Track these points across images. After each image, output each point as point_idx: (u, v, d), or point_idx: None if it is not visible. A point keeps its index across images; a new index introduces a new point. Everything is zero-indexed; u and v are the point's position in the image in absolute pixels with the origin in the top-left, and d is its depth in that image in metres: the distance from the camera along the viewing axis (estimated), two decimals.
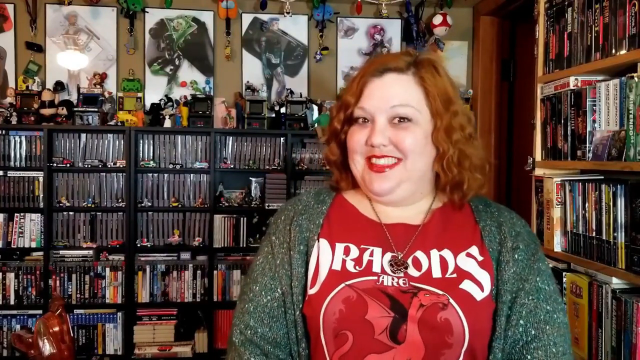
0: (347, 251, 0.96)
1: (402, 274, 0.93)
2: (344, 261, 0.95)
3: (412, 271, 0.93)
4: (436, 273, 0.93)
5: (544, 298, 0.93)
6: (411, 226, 0.99)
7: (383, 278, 0.92)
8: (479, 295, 0.91)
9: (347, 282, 0.92)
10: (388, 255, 0.95)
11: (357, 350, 0.88)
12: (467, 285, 0.91)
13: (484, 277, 0.93)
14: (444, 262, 0.94)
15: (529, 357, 0.90)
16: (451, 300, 0.88)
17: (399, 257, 0.95)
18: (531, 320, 0.92)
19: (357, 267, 0.94)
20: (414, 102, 0.95)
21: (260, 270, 1.01)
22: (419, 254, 0.95)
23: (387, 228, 0.99)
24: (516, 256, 0.95)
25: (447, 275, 0.92)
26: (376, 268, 0.94)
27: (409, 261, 0.94)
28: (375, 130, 0.95)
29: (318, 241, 0.99)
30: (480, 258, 0.94)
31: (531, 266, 0.95)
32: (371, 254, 0.96)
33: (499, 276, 0.93)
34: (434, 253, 0.95)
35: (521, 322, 0.91)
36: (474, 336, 0.88)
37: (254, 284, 0.99)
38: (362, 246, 0.97)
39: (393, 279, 0.92)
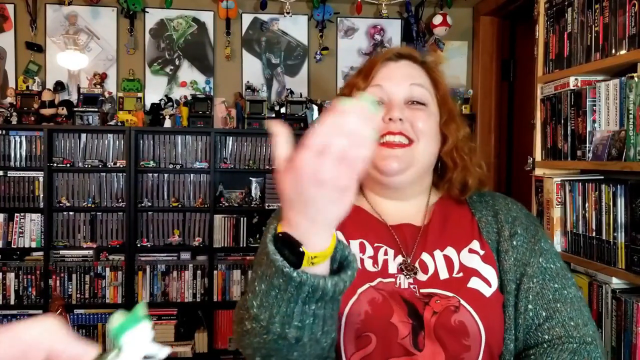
0: (362, 248, 0.95)
1: (411, 280, 0.91)
2: (362, 260, 0.93)
3: (420, 275, 0.92)
4: (443, 274, 0.92)
5: (550, 277, 0.91)
6: (414, 227, 0.98)
7: (400, 280, 0.91)
8: (487, 291, 0.89)
9: (371, 283, 0.90)
10: (399, 258, 0.94)
11: (380, 353, 0.86)
12: (474, 283, 0.90)
13: (489, 272, 0.91)
14: (449, 262, 0.93)
15: (546, 336, 0.87)
16: (462, 302, 0.87)
17: (408, 262, 0.94)
18: (540, 302, 0.89)
19: (374, 266, 0.92)
20: (428, 87, 1.00)
21: None
22: (425, 257, 0.94)
23: (393, 229, 0.98)
24: (515, 242, 0.94)
25: (454, 275, 0.91)
26: (392, 269, 0.93)
27: (416, 265, 0.93)
28: (394, 105, 0.96)
29: None
30: (482, 252, 0.94)
31: (532, 248, 0.93)
32: (385, 253, 0.95)
33: (501, 267, 0.92)
34: (438, 254, 0.94)
35: (530, 306, 0.89)
36: (490, 333, 0.86)
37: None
38: (375, 244, 0.96)
39: (407, 282, 0.91)
